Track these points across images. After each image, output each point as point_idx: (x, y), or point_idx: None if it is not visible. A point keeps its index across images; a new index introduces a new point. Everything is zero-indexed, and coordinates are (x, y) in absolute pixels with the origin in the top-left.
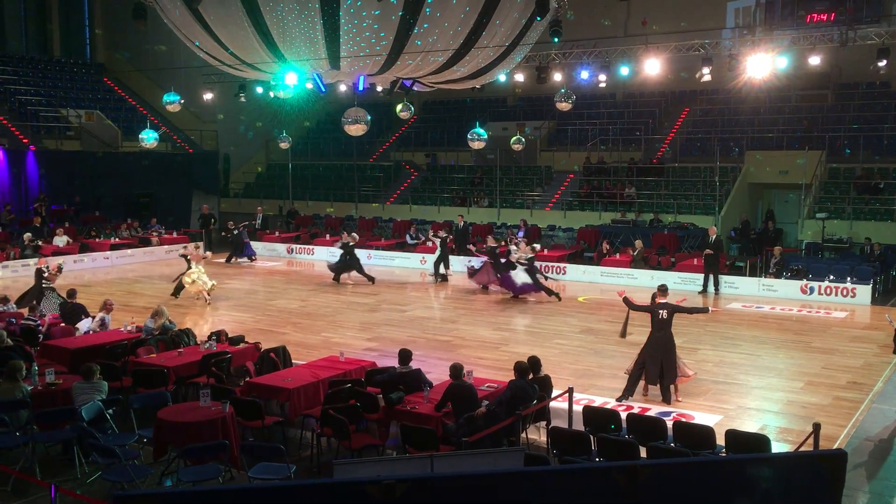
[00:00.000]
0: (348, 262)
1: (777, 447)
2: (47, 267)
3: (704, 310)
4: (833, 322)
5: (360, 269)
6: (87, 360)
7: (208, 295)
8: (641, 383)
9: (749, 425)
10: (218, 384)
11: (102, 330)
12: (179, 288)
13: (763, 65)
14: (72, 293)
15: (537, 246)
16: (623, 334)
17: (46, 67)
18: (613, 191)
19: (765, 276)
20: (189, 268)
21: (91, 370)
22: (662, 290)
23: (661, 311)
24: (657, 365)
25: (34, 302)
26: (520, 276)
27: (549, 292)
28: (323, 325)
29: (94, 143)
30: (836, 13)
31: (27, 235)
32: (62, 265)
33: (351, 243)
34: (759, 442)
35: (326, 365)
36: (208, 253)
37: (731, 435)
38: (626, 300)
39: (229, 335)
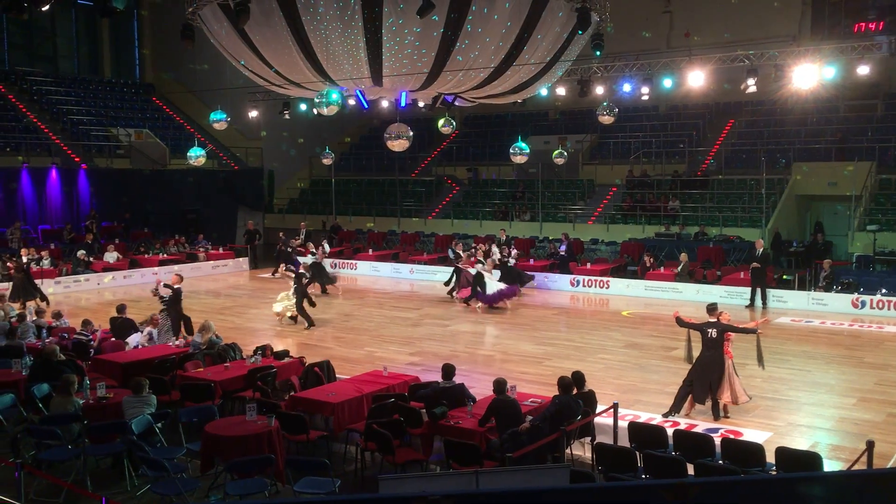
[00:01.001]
0: (316, 275)
1: (829, 465)
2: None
3: (752, 331)
4: (886, 336)
5: (326, 282)
6: (136, 375)
7: (292, 317)
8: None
9: (800, 442)
10: (263, 398)
11: (150, 344)
12: (306, 315)
13: (809, 75)
14: (121, 308)
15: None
16: (688, 358)
17: (97, 88)
18: (657, 204)
19: (814, 290)
20: (295, 290)
21: (140, 384)
22: (710, 308)
23: (710, 330)
24: (705, 385)
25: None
26: (491, 286)
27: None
28: (366, 340)
29: (143, 161)
30: (886, 22)
31: (81, 252)
32: (182, 276)
33: (318, 259)
34: (810, 460)
35: (370, 379)
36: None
37: (782, 452)
38: (678, 319)
39: (274, 350)
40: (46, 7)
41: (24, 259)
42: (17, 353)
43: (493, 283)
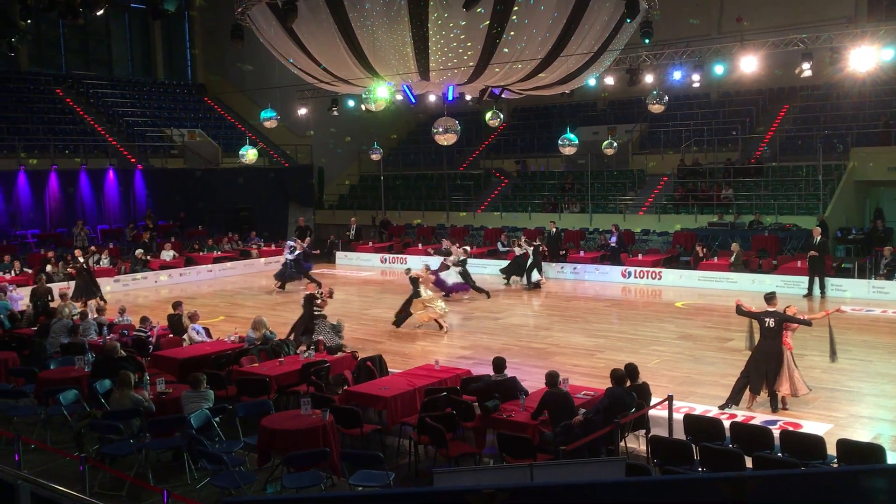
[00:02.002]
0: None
1: (893, 458)
2: (320, 293)
3: (807, 322)
4: None
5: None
6: (193, 370)
7: (443, 322)
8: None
9: (862, 434)
10: (317, 393)
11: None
12: (404, 317)
13: (867, 58)
14: (177, 305)
15: (468, 248)
16: (749, 346)
17: (151, 90)
18: (710, 193)
19: (875, 278)
20: (417, 293)
21: (198, 379)
22: (768, 297)
23: (767, 320)
24: (762, 375)
25: (301, 330)
26: (451, 277)
27: (480, 290)
28: (417, 334)
29: (197, 161)
30: None
31: (139, 251)
32: (333, 290)
33: (297, 250)
34: (873, 452)
35: (422, 373)
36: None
37: (843, 444)
38: (738, 307)
39: (327, 344)
40: (101, 11)
41: (81, 259)
42: (80, 350)
43: (453, 275)
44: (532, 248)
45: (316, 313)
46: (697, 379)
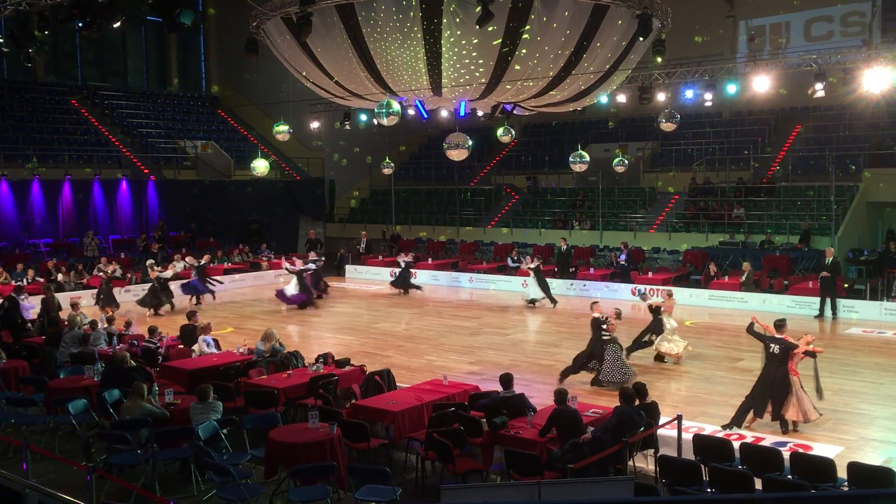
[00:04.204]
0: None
1: None
2: (606, 318)
3: (812, 355)
4: None
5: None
6: (202, 381)
7: (678, 358)
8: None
9: (873, 458)
10: (325, 406)
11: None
12: (639, 346)
13: (880, 79)
14: (191, 315)
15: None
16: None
17: (165, 101)
18: (721, 212)
19: (887, 300)
20: (660, 323)
21: (205, 392)
22: (778, 325)
23: (773, 346)
24: (765, 399)
25: (588, 354)
26: (290, 289)
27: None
28: (426, 349)
29: (209, 172)
30: None
31: (150, 262)
32: (620, 311)
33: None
34: (884, 476)
35: (430, 388)
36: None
37: (854, 467)
38: (751, 325)
39: (335, 358)
40: (118, 24)
41: (109, 269)
42: (90, 359)
43: (291, 287)
44: (534, 266)
45: (605, 338)
46: (707, 399)
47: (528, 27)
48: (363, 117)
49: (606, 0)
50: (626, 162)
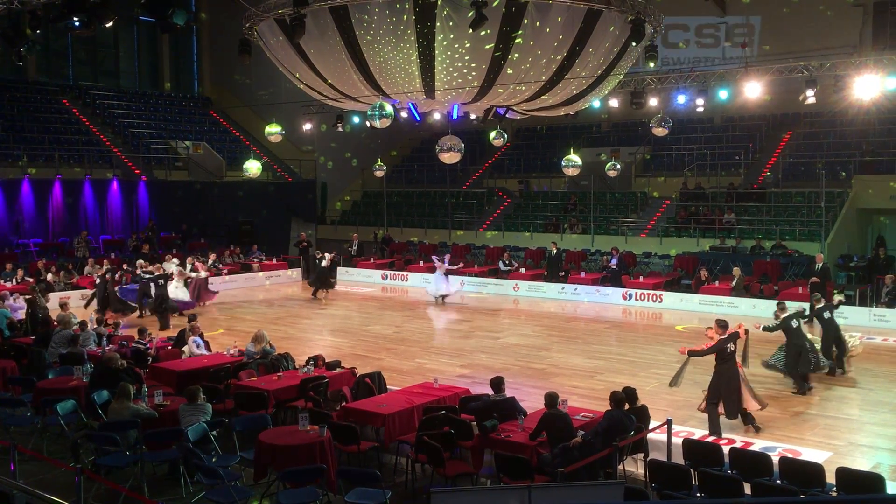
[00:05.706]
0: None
1: (892, 487)
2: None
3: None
4: None
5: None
6: (192, 383)
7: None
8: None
9: (861, 463)
10: (315, 408)
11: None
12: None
13: (871, 86)
14: (192, 318)
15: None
16: (675, 383)
17: (157, 102)
18: (712, 217)
19: (876, 306)
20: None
21: (194, 393)
22: (721, 324)
23: (728, 345)
24: (732, 400)
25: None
26: (178, 293)
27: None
28: (417, 351)
29: (201, 174)
30: None
31: (140, 262)
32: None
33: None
34: (872, 481)
35: (421, 391)
36: None
37: (843, 473)
38: (690, 353)
39: (326, 360)
40: (110, 24)
41: (103, 269)
42: (79, 360)
43: (181, 292)
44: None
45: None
46: (697, 403)
47: (520, 31)
48: (356, 119)
49: (599, 5)
50: (618, 166)
